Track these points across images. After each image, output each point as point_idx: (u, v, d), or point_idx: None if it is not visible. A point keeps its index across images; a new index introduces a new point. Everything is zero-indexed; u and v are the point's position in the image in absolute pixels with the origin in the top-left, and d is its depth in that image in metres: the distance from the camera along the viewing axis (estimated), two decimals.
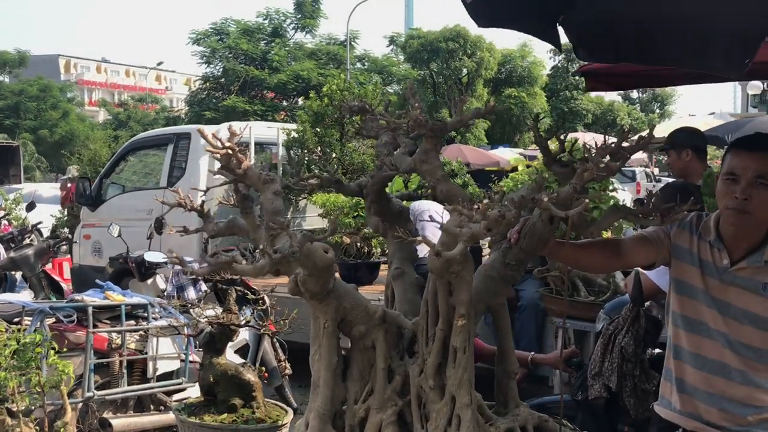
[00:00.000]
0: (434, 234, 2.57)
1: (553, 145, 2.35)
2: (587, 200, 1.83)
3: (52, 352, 3.64)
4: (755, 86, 21.19)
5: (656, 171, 28.75)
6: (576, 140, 2.39)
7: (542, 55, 38.97)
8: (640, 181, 23.58)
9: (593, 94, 37.64)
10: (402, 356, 2.44)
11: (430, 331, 2.28)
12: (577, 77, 36.35)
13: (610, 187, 4.45)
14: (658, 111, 46.54)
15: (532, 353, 3.67)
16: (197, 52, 30.89)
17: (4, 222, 11.98)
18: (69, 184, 12.03)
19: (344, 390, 2.41)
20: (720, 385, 2.32)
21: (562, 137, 2.20)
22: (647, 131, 2.25)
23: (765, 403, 2.29)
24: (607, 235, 3.95)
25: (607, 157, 2.05)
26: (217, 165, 2.43)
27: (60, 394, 3.64)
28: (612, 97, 37.98)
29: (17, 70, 43.89)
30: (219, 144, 2.19)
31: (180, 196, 2.52)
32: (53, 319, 4.25)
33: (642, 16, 2.79)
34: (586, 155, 2.08)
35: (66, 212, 12.34)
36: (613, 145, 2.06)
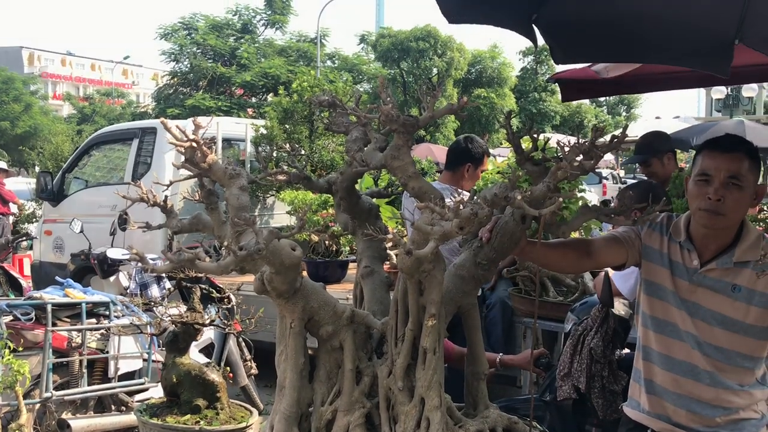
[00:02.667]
0: None
1: (525, 143, 2.32)
2: (561, 199, 1.80)
3: (6, 351, 3.53)
4: (719, 91, 21.60)
5: (622, 173, 29.12)
6: (548, 139, 2.37)
7: (512, 57, 39.33)
8: (606, 183, 23.85)
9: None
10: (370, 357, 2.38)
11: (400, 331, 2.23)
12: (545, 80, 36.78)
13: (580, 188, 4.45)
14: (624, 114, 47.20)
15: (501, 354, 3.64)
16: (165, 50, 30.57)
17: None
18: None
19: (311, 392, 2.35)
20: (689, 386, 2.32)
21: (534, 135, 2.17)
22: (612, 134, 2.24)
23: (733, 405, 2.30)
24: (575, 235, 3.94)
25: (580, 156, 2.03)
26: (183, 159, 2.35)
27: (15, 394, 3.52)
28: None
29: None
30: (182, 136, 2.12)
31: (142, 190, 2.44)
32: (10, 317, 4.12)
33: (617, 14, 2.78)
34: (559, 154, 2.06)
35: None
36: (586, 143, 2.04)
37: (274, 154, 8.00)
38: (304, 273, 2.38)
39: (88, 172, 8.87)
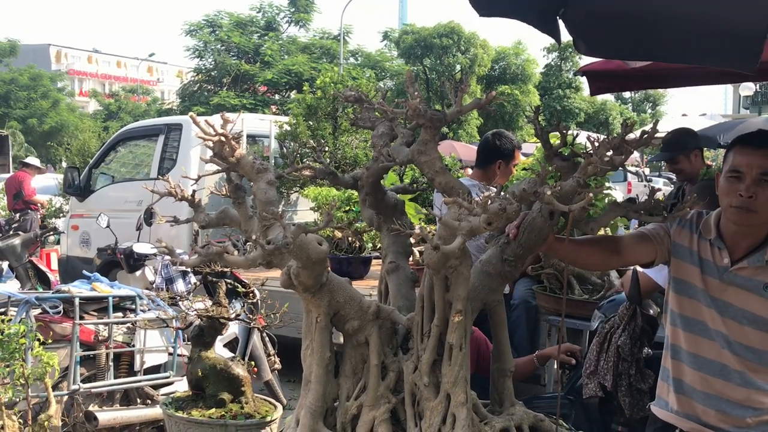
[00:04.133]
0: None
1: (553, 139, 2.30)
2: (590, 194, 1.78)
3: (36, 343, 3.57)
4: (747, 87, 21.28)
5: (647, 171, 28.83)
6: (577, 134, 2.35)
7: (536, 53, 39.00)
8: (630, 181, 23.60)
9: (586, 92, 37.72)
10: (396, 352, 2.38)
11: (426, 327, 2.23)
12: (571, 76, 36.44)
13: (606, 185, 4.40)
14: (650, 111, 46.69)
15: (536, 352, 3.64)
16: (189, 46, 30.79)
17: None
18: None
19: (336, 386, 2.36)
20: (718, 386, 2.28)
21: (563, 131, 2.15)
22: (642, 129, 2.21)
23: (764, 405, 2.26)
24: (601, 233, 3.90)
25: (610, 152, 2.01)
26: (209, 154, 2.37)
27: (45, 386, 3.56)
28: (604, 96, 38.03)
29: (8, 59, 43.44)
30: (212, 131, 2.13)
31: (170, 185, 2.46)
32: (39, 310, 4.17)
33: (644, 11, 2.74)
34: (589, 150, 2.04)
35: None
36: (616, 139, 2.02)
37: (299, 151, 8.02)
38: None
39: (114, 167, 8.97)
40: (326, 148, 8.07)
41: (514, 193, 1.91)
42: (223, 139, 2.12)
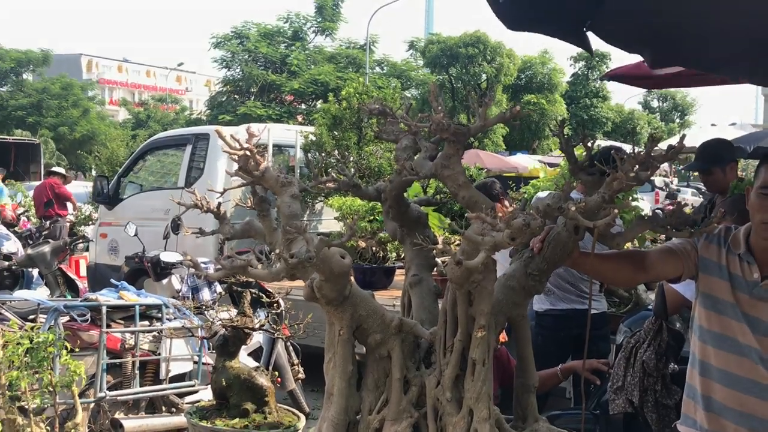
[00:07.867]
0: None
1: (578, 152, 2.28)
2: (616, 210, 1.76)
3: (64, 351, 3.63)
4: None
5: (675, 181, 28.49)
6: (605, 148, 2.33)
7: (562, 63, 38.78)
8: (658, 191, 23.31)
9: (613, 102, 37.46)
10: (418, 366, 2.37)
11: (449, 341, 2.22)
12: (598, 84, 36.19)
13: (633, 197, 4.35)
14: (678, 120, 46.15)
15: (560, 366, 3.60)
16: (216, 57, 31.13)
17: (23, 219, 12.09)
18: None
19: (358, 399, 2.35)
20: (751, 403, 2.24)
21: (589, 144, 2.13)
22: (670, 141, 2.18)
23: None
24: (629, 246, 3.86)
25: (636, 166, 1.98)
26: (235, 166, 2.39)
27: (72, 393, 3.61)
28: (632, 105, 37.81)
29: (41, 68, 44.26)
30: (237, 145, 2.15)
31: (196, 196, 2.48)
32: (67, 318, 4.23)
33: (670, 20, 2.72)
34: (615, 164, 2.02)
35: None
36: (642, 153, 1.99)
37: (323, 161, 8.06)
38: (352, 280, 2.39)
39: (142, 176, 9.08)
40: (351, 159, 8.09)
41: (538, 209, 1.90)
42: (248, 153, 2.14)
